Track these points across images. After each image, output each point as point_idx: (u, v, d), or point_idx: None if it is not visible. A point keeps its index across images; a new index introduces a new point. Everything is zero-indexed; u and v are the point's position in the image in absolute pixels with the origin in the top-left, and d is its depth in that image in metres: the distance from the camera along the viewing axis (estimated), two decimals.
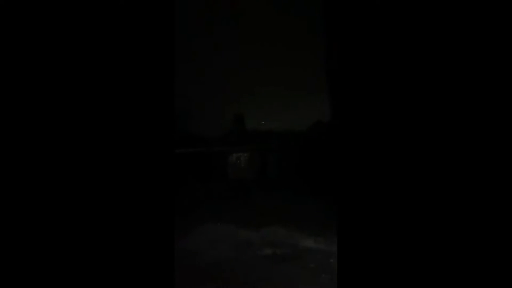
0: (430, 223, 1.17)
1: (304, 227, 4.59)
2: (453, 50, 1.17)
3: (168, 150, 1.35)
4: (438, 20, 1.18)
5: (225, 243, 4.17)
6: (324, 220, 4.52)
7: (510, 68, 1.12)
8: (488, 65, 1.14)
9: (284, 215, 5.32)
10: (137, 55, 1.31)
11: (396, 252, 1.20)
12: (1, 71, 1.24)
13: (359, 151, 1.26)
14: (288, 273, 3.05)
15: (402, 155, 1.21)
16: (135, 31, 1.31)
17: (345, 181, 1.28)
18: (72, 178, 1.25)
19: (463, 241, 1.14)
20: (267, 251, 3.86)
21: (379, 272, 1.21)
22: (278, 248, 3.91)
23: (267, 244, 4.10)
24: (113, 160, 1.28)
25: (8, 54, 1.24)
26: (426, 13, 1.20)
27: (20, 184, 1.22)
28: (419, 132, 1.19)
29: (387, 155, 1.22)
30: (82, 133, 1.27)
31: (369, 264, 1.22)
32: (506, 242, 1.11)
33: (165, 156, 1.34)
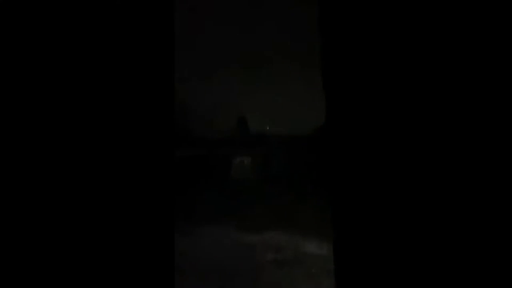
0: (426, 223, 1.16)
1: (306, 232, 4.58)
2: (450, 50, 1.17)
3: (168, 152, 1.35)
4: (436, 17, 1.19)
5: (227, 247, 4.16)
6: (326, 224, 4.50)
7: (508, 66, 1.11)
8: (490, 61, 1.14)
9: (286, 219, 5.31)
10: (135, 52, 1.30)
11: (392, 255, 1.18)
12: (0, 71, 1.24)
13: (353, 154, 1.25)
14: (289, 277, 3.03)
15: (397, 157, 1.19)
16: (133, 26, 1.31)
17: (339, 183, 1.28)
18: (68, 180, 1.25)
19: (461, 242, 1.12)
20: (269, 256, 3.85)
21: (375, 274, 1.20)
22: (279, 253, 3.90)
23: (269, 248, 4.09)
24: (111, 161, 1.28)
25: (7, 55, 1.25)
26: (424, 12, 1.19)
27: (17, 188, 1.22)
28: (416, 134, 1.18)
29: (381, 158, 1.21)
30: (78, 134, 1.26)
31: (365, 266, 1.22)
32: (503, 239, 1.09)
33: (164, 159, 1.34)
